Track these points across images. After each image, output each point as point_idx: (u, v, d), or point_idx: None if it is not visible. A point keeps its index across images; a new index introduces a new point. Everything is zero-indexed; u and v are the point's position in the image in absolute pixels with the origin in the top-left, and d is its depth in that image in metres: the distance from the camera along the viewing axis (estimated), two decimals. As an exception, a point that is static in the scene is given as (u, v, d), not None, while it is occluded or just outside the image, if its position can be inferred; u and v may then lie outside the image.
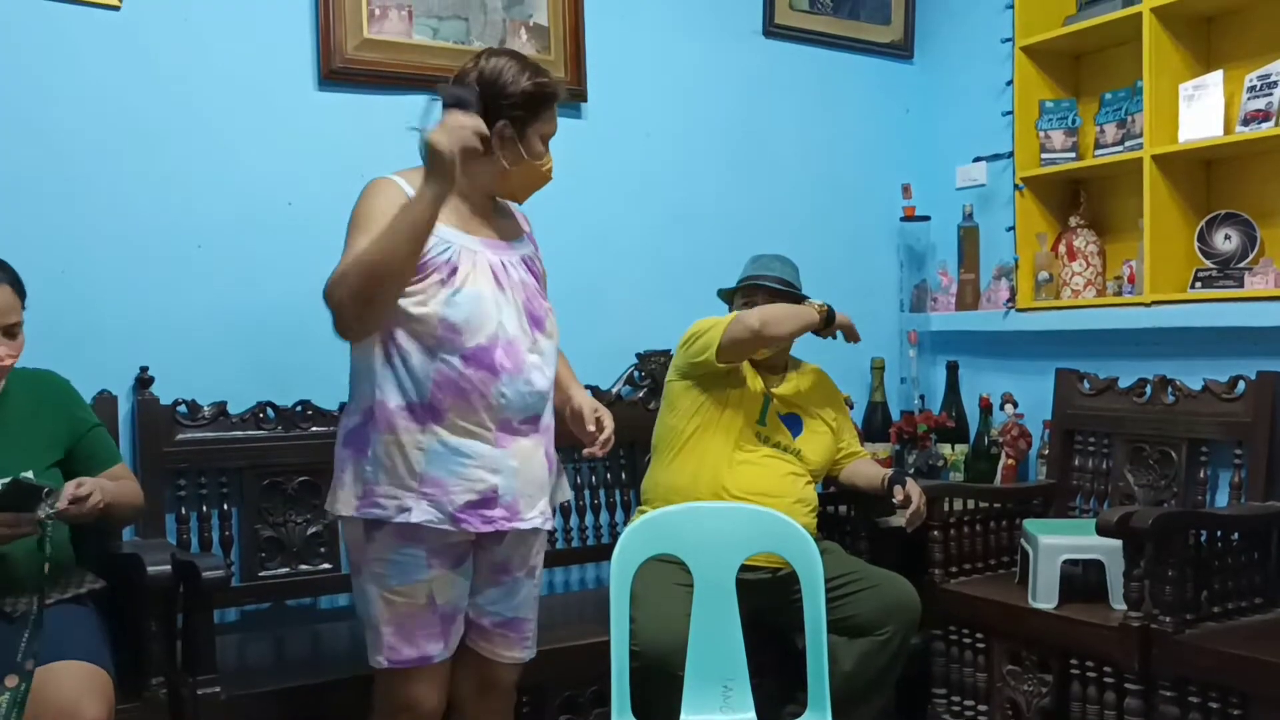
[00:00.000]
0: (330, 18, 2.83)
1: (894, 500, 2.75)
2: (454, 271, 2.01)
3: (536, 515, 2.11)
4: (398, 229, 1.91)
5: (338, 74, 2.86)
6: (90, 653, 1.99)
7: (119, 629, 2.17)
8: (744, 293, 2.85)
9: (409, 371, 2.01)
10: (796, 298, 2.83)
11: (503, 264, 2.10)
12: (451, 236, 2.04)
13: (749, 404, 2.76)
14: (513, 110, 2.08)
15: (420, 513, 1.99)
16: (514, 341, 2.06)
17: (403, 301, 1.98)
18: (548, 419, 2.17)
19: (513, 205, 2.27)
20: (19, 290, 2.13)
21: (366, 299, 1.92)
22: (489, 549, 2.11)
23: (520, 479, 2.07)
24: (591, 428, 2.25)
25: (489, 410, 2.02)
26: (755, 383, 2.79)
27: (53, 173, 2.57)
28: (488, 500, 2.03)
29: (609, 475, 3.19)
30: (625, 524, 3.06)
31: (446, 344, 1.99)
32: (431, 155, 1.92)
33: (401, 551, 2.02)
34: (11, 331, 2.11)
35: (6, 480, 1.91)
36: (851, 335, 2.88)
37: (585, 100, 3.22)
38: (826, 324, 2.77)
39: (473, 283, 2.03)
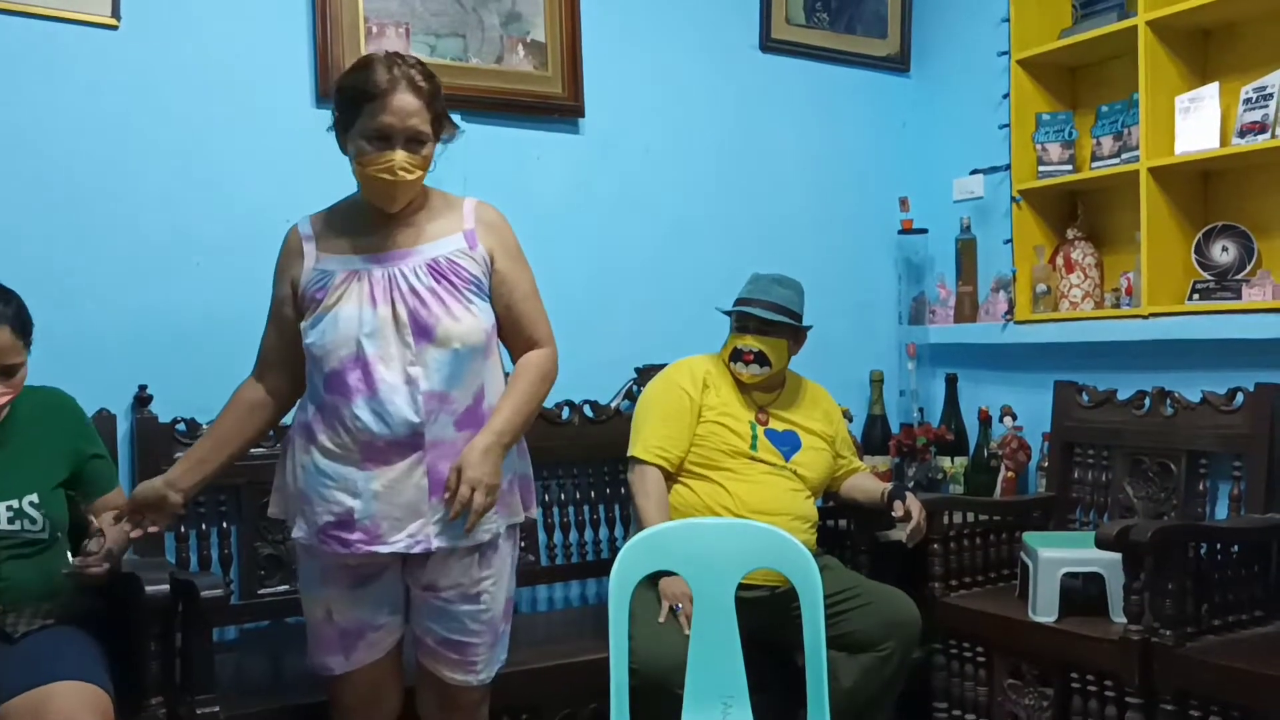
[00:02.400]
0: (328, 36, 2.84)
1: (894, 515, 2.74)
2: (322, 299, 2.06)
3: (403, 539, 2.03)
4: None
5: (335, 91, 2.86)
6: (89, 673, 1.97)
7: (118, 649, 2.16)
8: (737, 318, 2.82)
9: (307, 394, 2.13)
10: (793, 327, 2.81)
11: (389, 275, 2.05)
12: (331, 264, 2.09)
13: (740, 430, 2.76)
14: (336, 108, 2.10)
15: (297, 529, 2.11)
16: (373, 362, 2.00)
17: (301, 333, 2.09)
18: (441, 435, 2.04)
19: (463, 204, 2.18)
20: (20, 328, 2.09)
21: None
22: (414, 569, 2.12)
23: (382, 502, 2.03)
24: (449, 496, 2.03)
25: (349, 433, 2.04)
26: (744, 411, 2.79)
27: (51, 191, 2.58)
28: (344, 523, 2.04)
29: (607, 491, 3.18)
30: (620, 539, 3.07)
31: (314, 371, 2.08)
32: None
33: (303, 564, 2.16)
34: (10, 370, 2.09)
35: None
36: None
37: (583, 116, 3.23)
38: None
39: (337, 305, 2.05)
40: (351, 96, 2.04)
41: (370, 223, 2.12)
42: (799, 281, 2.88)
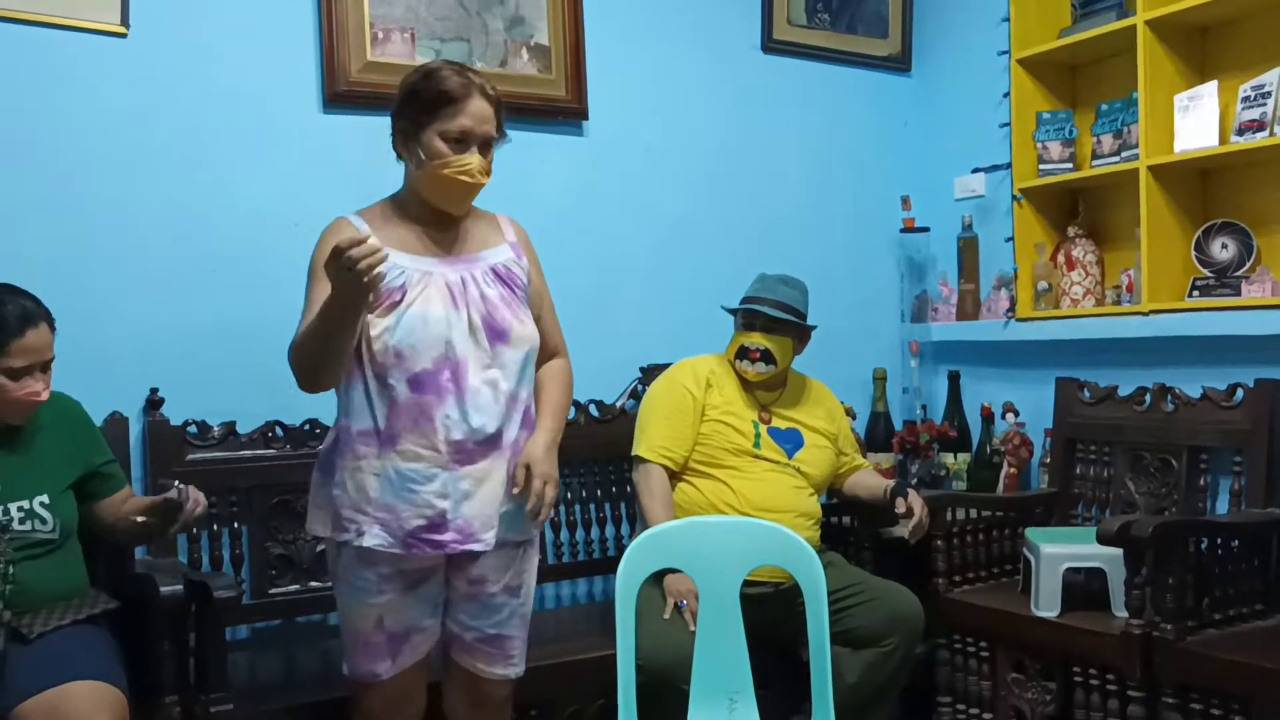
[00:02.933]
0: (334, 41, 2.87)
1: (896, 512, 2.77)
2: (403, 296, 2.05)
3: (492, 537, 2.11)
4: (322, 323, 1.95)
5: (342, 96, 2.89)
6: (104, 672, 2.01)
7: (132, 648, 2.20)
8: (744, 316, 2.85)
9: (369, 398, 2.06)
10: (799, 326, 2.84)
11: (461, 279, 2.10)
12: (404, 262, 2.08)
13: (743, 429, 2.78)
14: (406, 110, 2.10)
15: (372, 537, 2.05)
16: (463, 362, 2.06)
17: (369, 330, 2.04)
18: (512, 435, 2.13)
19: (499, 218, 2.27)
20: (52, 326, 2.17)
21: (312, 376, 2.04)
22: (464, 566, 2.14)
23: (473, 501, 2.08)
24: (524, 491, 2.12)
25: (438, 434, 2.04)
26: (748, 410, 2.82)
27: (62, 197, 2.60)
28: (437, 525, 2.06)
29: (614, 489, 3.21)
30: (626, 537, 3.10)
31: (394, 370, 2.04)
32: (338, 268, 1.85)
33: (358, 574, 2.09)
34: (47, 367, 2.16)
35: None
36: None
37: (586, 118, 3.26)
38: None
39: (421, 305, 2.05)
40: (428, 99, 2.06)
41: (428, 225, 2.15)
42: (804, 282, 2.91)
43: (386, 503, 2.05)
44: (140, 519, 2.12)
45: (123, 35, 2.66)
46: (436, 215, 2.15)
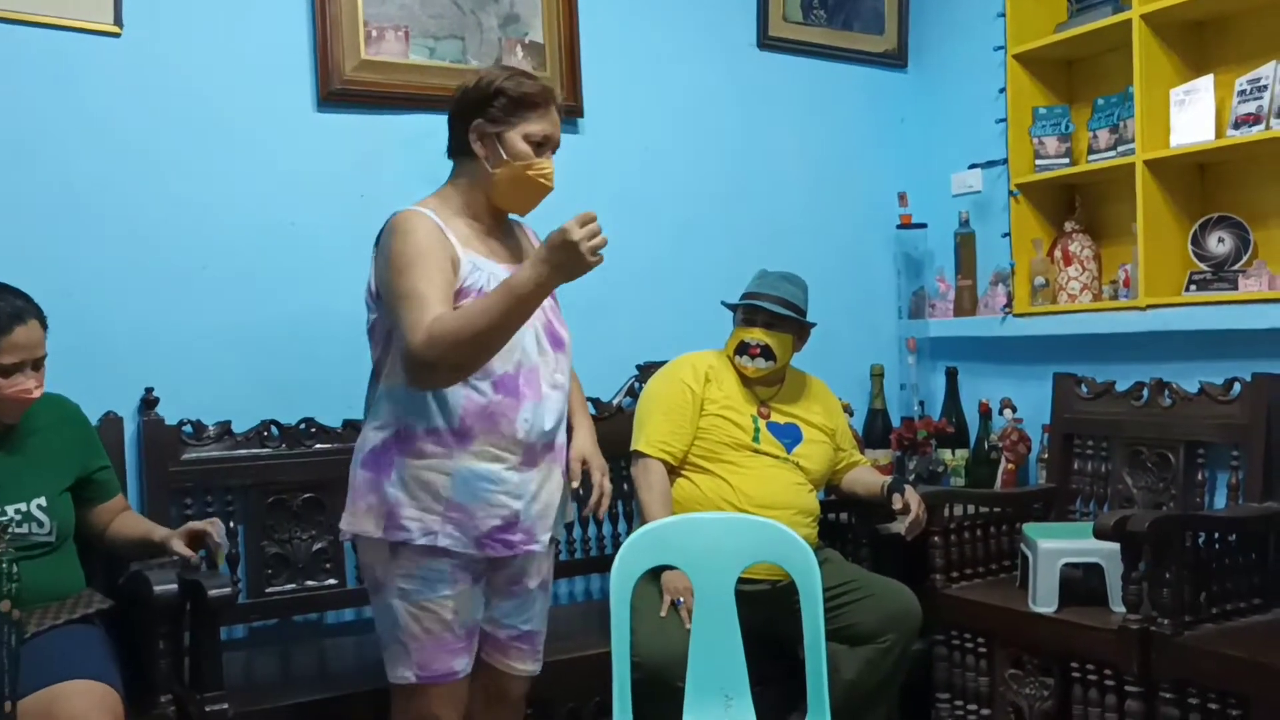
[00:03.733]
0: (328, 39, 2.86)
1: (894, 508, 2.77)
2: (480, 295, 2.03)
3: (548, 537, 2.16)
4: (508, 312, 1.87)
5: (337, 95, 2.89)
6: (99, 672, 2.01)
7: (128, 648, 2.20)
8: (744, 312, 2.85)
9: (439, 398, 2.02)
10: (798, 323, 2.84)
11: None
12: (481, 263, 2.07)
13: (742, 424, 2.78)
14: (488, 109, 2.09)
15: (445, 537, 2.03)
16: (536, 368, 2.09)
17: None
18: (561, 438, 2.20)
19: (523, 222, 2.28)
20: (44, 323, 2.17)
21: (465, 368, 1.95)
22: (505, 563, 2.14)
23: (538, 502, 2.12)
24: (578, 483, 2.24)
25: (514, 436, 2.05)
26: (747, 405, 2.82)
27: (56, 196, 2.60)
28: (510, 525, 2.07)
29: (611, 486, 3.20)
30: (623, 535, 3.09)
31: (478, 371, 2.01)
32: (569, 251, 1.84)
33: (427, 567, 2.04)
34: (39, 364, 2.16)
35: None
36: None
37: (582, 116, 3.25)
38: None
39: None
40: (515, 99, 2.08)
41: (485, 227, 2.15)
42: (804, 279, 2.91)
43: (460, 503, 2.03)
44: (175, 551, 2.19)
45: (116, 35, 2.66)
46: (492, 217, 2.16)
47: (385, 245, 2.04)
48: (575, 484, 2.21)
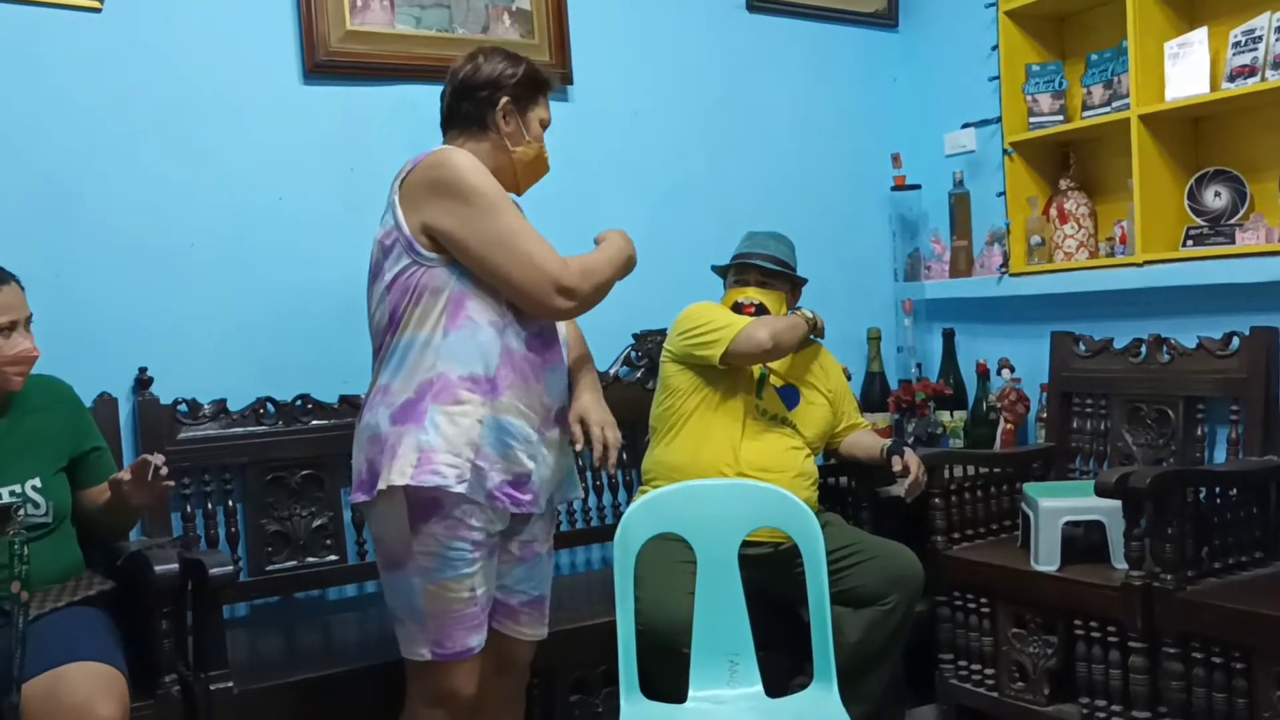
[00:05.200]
0: (312, 11, 2.82)
1: (893, 470, 2.76)
2: None
3: (548, 500, 2.17)
4: (623, 266, 2.22)
5: (322, 67, 2.85)
6: (102, 653, 2.00)
7: (130, 628, 2.19)
8: (737, 270, 2.86)
9: (477, 344, 2.01)
10: (791, 279, 2.83)
11: None
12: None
13: (745, 380, 2.77)
14: (514, 89, 2.14)
15: (464, 484, 1.97)
16: (556, 335, 2.16)
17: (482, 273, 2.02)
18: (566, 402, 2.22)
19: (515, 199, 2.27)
20: (21, 286, 2.18)
21: (592, 305, 2.12)
22: (518, 529, 2.14)
23: (549, 468, 2.13)
24: (581, 445, 2.20)
25: (539, 396, 2.08)
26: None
27: (41, 176, 2.57)
28: (521, 484, 2.06)
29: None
30: (628, 504, 3.09)
31: (515, 321, 2.05)
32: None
33: (449, 546, 1.99)
34: (29, 324, 2.17)
35: None
36: (820, 332, 2.92)
37: (571, 83, 3.22)
38: (814, 329, 2.85)
39: None
40: (540, 83, 2.20)
41: None
42: (790, 239, 2.91)
43: (487, 451, 2.01)
44: (121, 479, 2.10)
45: (97, 10, 2.62)
46: None
47: (448, 181, 1.99)
48: (578, 446, 2.18)
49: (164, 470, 2.07)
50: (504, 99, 2.12)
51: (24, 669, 1.83)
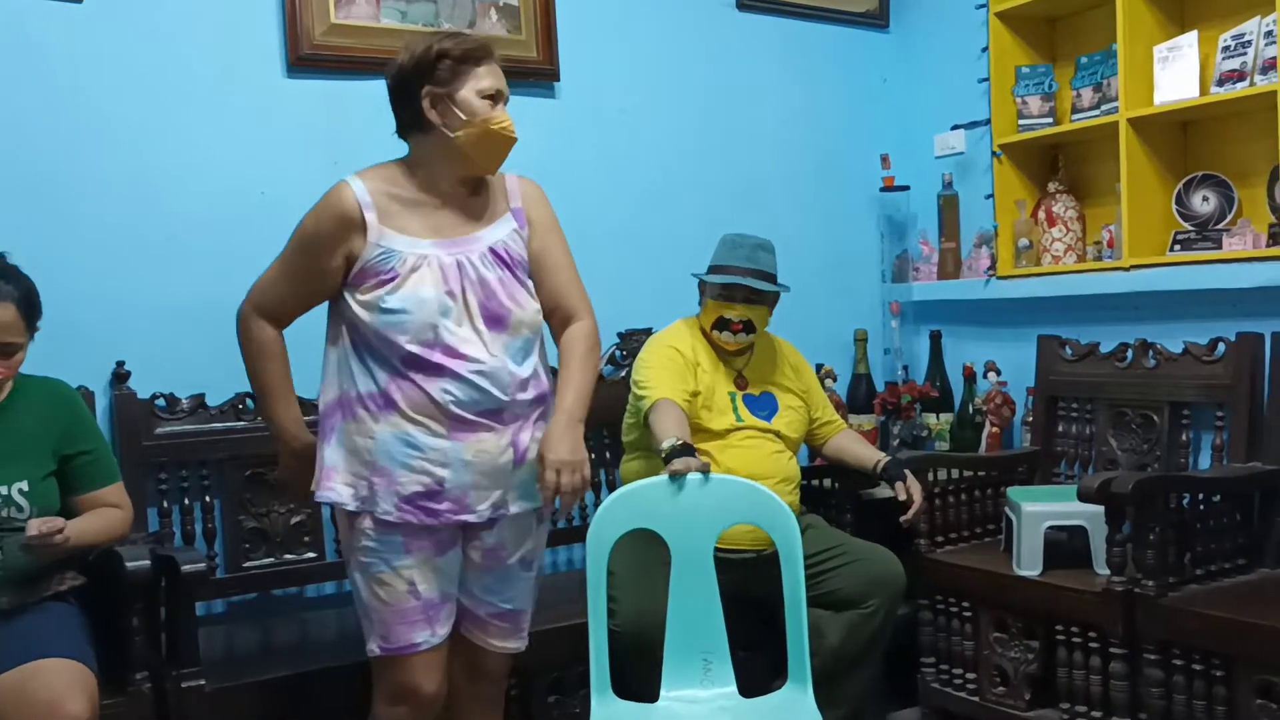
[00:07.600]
0: (297, 4, 2.80)
1: (897, 499, 2.73)
2: (393, 278, 2.01)
3: (487, 507, 2.06)
4: (257, 397, 2.25)
5: (306, 60, 2.83)
6: (73, 650, 1.99)
7: (102, 624, 2.17)
8: (724, 290, 2.74)
9: (368, 362, 2.04)
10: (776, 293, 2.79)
11: (457, 263, 2.05)
12: (398, 245, 2.03)
13: (719, 400, 2.72)
14: (434, 74, 2.04)
15: (372, 502, 2.01)
16: (455, 344, 2.02)
17: (351, 301, 2.04)
18: (521, 410, 2.09)
19: (505, 180, 2.20)
20: (26, 310, 2.11)
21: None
22: (478, 535, 2.10)
23: (472, 472, 2.03)
24: (541, 485, 2.06)
25: (435, 407, 2.01)
26: (725, 384, 2.76)
27: (19, 169, 2.55)
28: (433, 493, 2.02)
29: (592, 455, 3.13)
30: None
31: (386, 345, 2.01)
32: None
33: (380, 539, 2.03)
34: (8, 350, 2.09)
35: None
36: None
37: (558, 80, 3.20)
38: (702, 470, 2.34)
39: (411, 287, 2.01)
40: (458, 57, 2.04)
41: (432, 196, 2.09)
42: (771, 241, 2.83)
43: (383, 467, 2.01)
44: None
45: (78, 1, 2.60)
46: (452, 185, 2.10)
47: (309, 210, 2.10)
48: (539, 486, 2.06)
49: (58, 538, 2.03)
50: (425, 87, 2.04)
51: None
